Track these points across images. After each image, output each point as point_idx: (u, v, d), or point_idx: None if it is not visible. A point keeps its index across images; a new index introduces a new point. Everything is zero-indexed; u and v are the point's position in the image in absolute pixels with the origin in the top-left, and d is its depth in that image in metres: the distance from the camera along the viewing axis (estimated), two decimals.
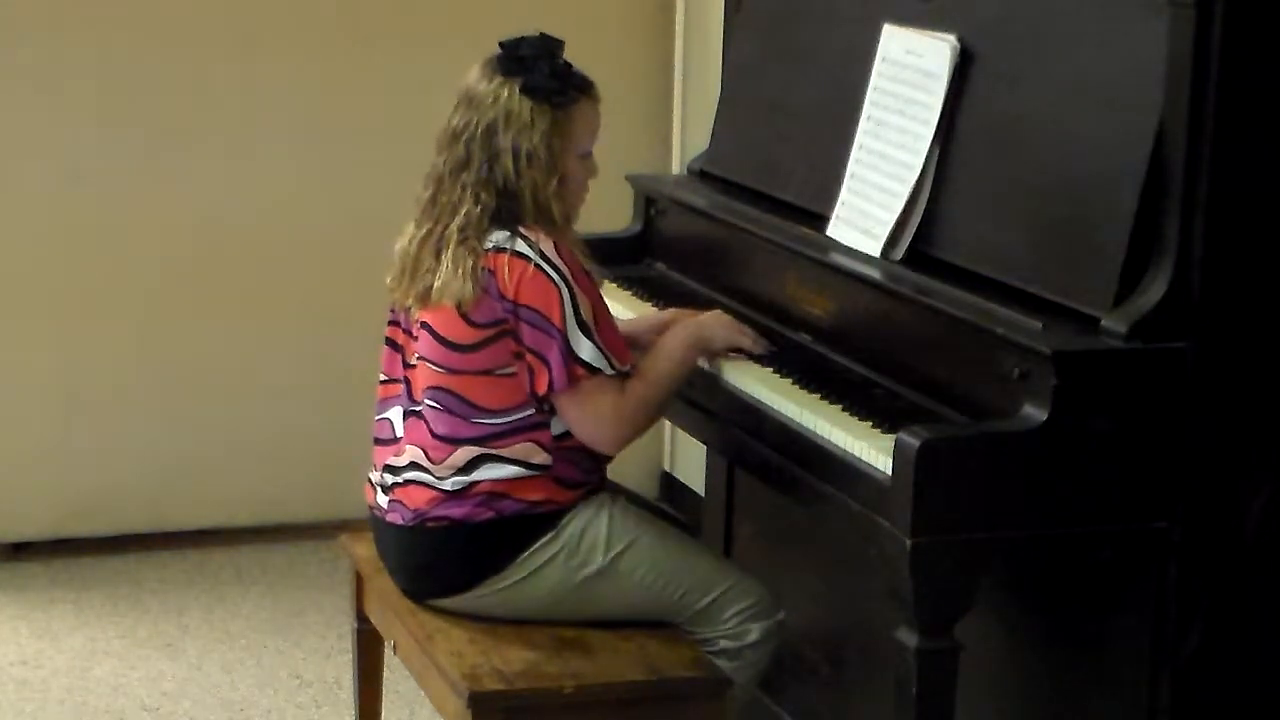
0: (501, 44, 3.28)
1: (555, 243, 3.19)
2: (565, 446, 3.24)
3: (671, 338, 3.34)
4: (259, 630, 4.71)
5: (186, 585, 4.97)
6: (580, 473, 3.28)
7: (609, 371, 3.19)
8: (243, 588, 4.96)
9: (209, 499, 5.18)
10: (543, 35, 3.28)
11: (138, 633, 4.69)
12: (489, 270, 3.17)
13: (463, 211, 3.21)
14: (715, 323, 3.39)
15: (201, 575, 5.03)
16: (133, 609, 4.82)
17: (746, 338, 3.38)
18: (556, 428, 3.23)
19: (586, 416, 3.21)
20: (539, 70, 3.22)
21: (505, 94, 3.22)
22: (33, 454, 5.03)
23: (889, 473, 2.84)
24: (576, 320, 3.17)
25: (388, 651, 3.55)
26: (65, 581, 4.96)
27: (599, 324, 3.20)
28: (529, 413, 3.21)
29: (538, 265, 3.16)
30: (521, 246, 3.18)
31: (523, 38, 3.27)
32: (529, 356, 3.18)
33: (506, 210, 3.21)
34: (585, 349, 3.17)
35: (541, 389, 3.18)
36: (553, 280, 3.16)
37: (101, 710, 4.30)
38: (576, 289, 3.18)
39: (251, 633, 4.70)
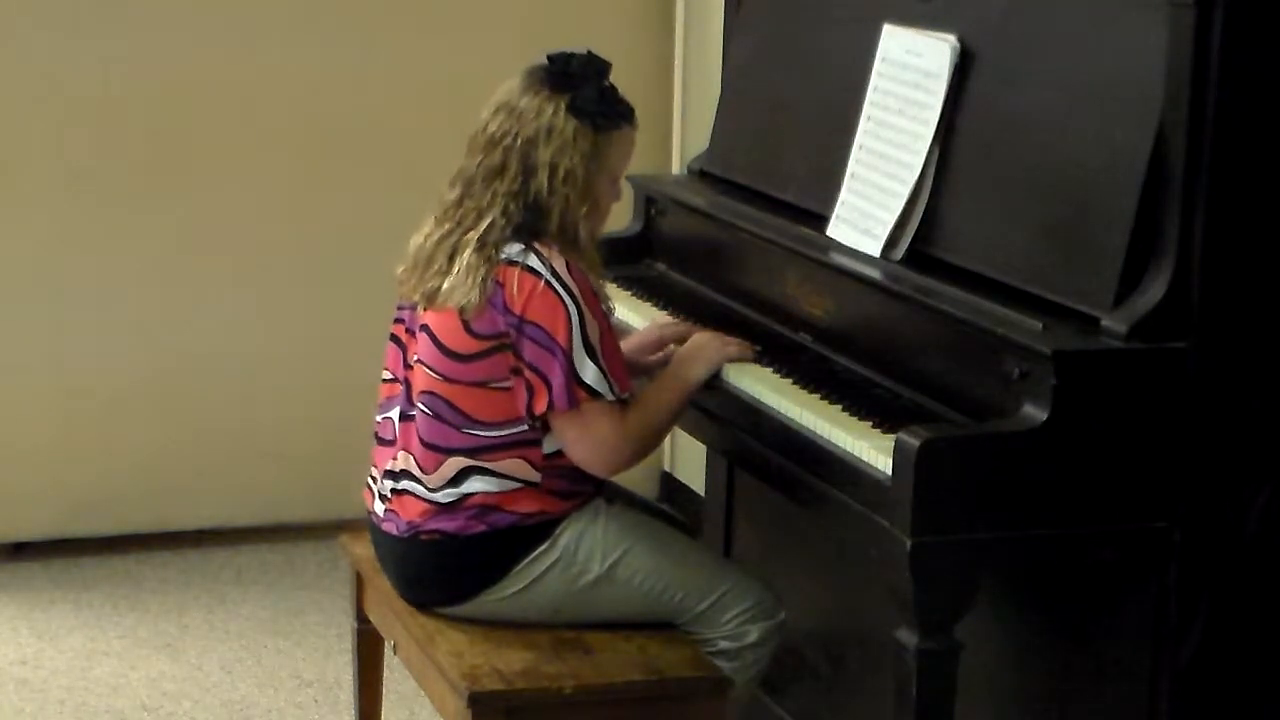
0: (550, 58, 3.24)
1: (568, 262, 3.17)
2: (556, 465, 3.22)
3: (667, 375, 3.32)
4: (259, 630, 4.71)
5: (186, 585, 4.96)
6: (572, 483, 3.25)
7: (610, 397, 3.17)
8: (243, 588, 4.96)
9: (209, 499, 5.17)
10: (590, 54, 3.25)
11: (138, 633, 4.69)
12: (498, 282, 3.15)
13: (488, 220, 3.18)
14: (700, 354, 3.33)
15: (201, 575, 5.03)
16: (133, 609, 4.81)
17: (733, 347, 3.36)
18: (548, 446, 3.21)
19: (584, 439, 3.19)
20: (587, 91, 3.20)
21: (550, 109, 3.19)
22: (33, 454, 5.03)
23: (889, 473, 2.83)
24: (583, 342, 3.14)
25: (388, 651, 3.55)
26: (65, 581, 4.96)
27: (604, 348, 3.17)
28: (522, 428, 3.19)
29: (548, 282, 3.14)
30: (534, 262, 3.15)
31: (572, 54, 3.24)
32: (528, 374, 3.15)
33: (530, 224, 3.18)
34: (589, 372, 3.14)
35: (540, 408, 3.16)
36: (562, 299, 3.14)
37: (101, 710, 4.30)
38: (586, 310, 3.15)
39: (251, 633, 4.70)
